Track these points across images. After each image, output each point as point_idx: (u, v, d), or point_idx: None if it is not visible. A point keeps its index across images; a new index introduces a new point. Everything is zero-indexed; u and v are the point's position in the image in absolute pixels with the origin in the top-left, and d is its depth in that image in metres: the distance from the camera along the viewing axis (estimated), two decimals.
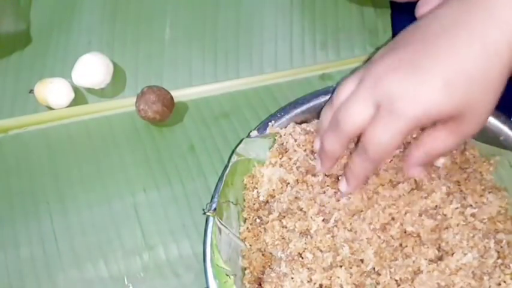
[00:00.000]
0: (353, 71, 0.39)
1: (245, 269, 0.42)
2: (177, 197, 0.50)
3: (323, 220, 0.39)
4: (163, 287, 0.47)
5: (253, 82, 0.56)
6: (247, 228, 0.43)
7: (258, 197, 0.43)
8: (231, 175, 0.43)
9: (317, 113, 0.47)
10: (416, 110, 0.32)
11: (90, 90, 0.56)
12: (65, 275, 0.47)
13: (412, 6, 0.44)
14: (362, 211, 0.39)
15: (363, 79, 0.35)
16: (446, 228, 0.39)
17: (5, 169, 0.53)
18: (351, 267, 0.38)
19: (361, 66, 0.38)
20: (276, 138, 0.45)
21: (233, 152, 0.44)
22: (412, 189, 0.40)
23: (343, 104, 0.36)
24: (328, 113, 0.39)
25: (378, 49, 0.38)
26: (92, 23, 0.59)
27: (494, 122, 0.43)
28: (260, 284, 0.40)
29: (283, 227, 0.41)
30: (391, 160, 0.41)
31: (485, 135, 0.43)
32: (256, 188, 0.44)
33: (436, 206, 0.40)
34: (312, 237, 0.39)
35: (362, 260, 0.38)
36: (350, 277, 0.37)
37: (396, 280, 0.38)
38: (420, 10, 0.43)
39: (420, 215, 0.39)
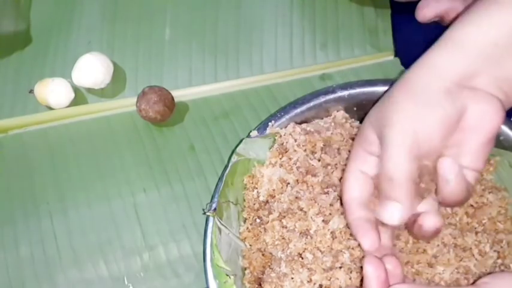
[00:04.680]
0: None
1: (245, 269, 0.42)
2: (177, 197, 0.50)
3: (323, 220, 0.39)
4: (163, 287, 0.47)
5: (253, 82, 0.56)
6: (247, 228, 0.43)
7: (258, 197, 0.43)
8: (231, 175, 0.43)
9: (317, 112, 0.47)
10: None
11: (90, 90, 0.56)
12: (65, 275, 0.47)
13: (412, 7, 0.44)
14: None
15: None
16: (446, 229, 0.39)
17: (5, 169, 0.53)
18: (350, 272, 0.38)
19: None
20: (276, 138, 0.45)
21: (233, 152, 0.44)
22: None
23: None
24: None
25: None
26: (92, 23, 0.59)
27: None
28: (260, 284, 0.40)
29: (283, 227, 0.40)
30: None
31: None
32: (256, 188, 0.44)
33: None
34: (312, 237, 0.39)
35: (362, 267, 0.38)
36: (350, 279, 0.37)
37: None
38: (420, 12, 0.44)
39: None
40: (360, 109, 0.46)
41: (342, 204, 0.39)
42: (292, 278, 0.38)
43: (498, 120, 0.34)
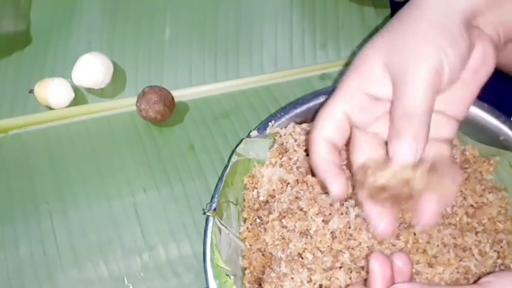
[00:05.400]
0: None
1: (245, 269, 0.42)
2: (177, 197, 0.50)
3: (323, 220, 0.39)
4: (163, 287, 0.47)
5: (253, 82, 0.56)
6: (247, 228, 0.43)
7: (258, 197, 0.43)
8: (231, 175, 0.43)
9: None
10: None
11: (90, 90, 0.56)
12: (65, 275, 0.47)
13: None
14: (364, 218, 0.39)
15: None
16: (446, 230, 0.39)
17: (5, 169, 0.53)
18: (350, 272, 0.38)
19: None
20: (276, 138, 0.45)
21: (233, 152, 0.44)
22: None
23: None
24: None
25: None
26: (92, 23, 0.59)
27: (494, 122, 0.43)
28: (260, 284, 0.40)
29: (283, 227, 0.40)
30: None
31: (485, 136, 0.43)
32: (256, 188, 0.44)
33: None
34: (312, 237, 0.39)
35: (362, 267, 0.38)
36: (350, 278, 0.37)
37: None
38: None
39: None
40: None
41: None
42: (292, 278, 0.38)
43: (494, 63, 0.34)
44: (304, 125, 0.45)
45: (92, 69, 0.53)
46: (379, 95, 0.34)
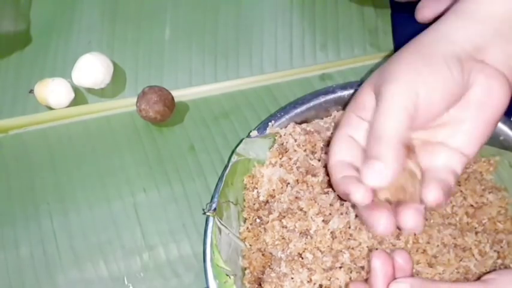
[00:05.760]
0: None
1: (245, 269, 0.42)
2: (177, 197, 0.50)
3: (323, 220, 0.39)
4: (163, 287, 0.47)
5: (253, 82, 0.56)
6: (247, 228, 0.43)
7: (258, 197, 0.43)
8: (231, 175, 0.43)
9: (317, 112, 0.47)
10: None
11: (90, 90, 0.56)
12: (65, 275, 0.47)
13: (412, 7, 0.45)
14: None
15: None
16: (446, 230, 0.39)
17: (5, 169, 0.53)
18: (350, 272, 0.38)
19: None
20: (276, 138, 0.45)
21: (233, 152, 0.44)
22: None
23: None
24: None
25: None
26: (92, 23, 0.59)
27: None
28: (260, 284, 0.40)
29: (283, 227, 0.41)
30: None
31: None
32: (256, 188, 0.44)
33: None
34: (312, 237, 0.39)
35: (362, 267, 0.38)
36: (350, 278, 0.37)
37: None
38: (420, 13, 0.44)
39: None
40: None
41: (329, 180, 0.37)
42: (292, 278, 0.38)
43: (505, 99, 0.33)
44: (304, 125, 0.45)
45: (92, 69, 0.53)
46: (370, 119, 0.35)
